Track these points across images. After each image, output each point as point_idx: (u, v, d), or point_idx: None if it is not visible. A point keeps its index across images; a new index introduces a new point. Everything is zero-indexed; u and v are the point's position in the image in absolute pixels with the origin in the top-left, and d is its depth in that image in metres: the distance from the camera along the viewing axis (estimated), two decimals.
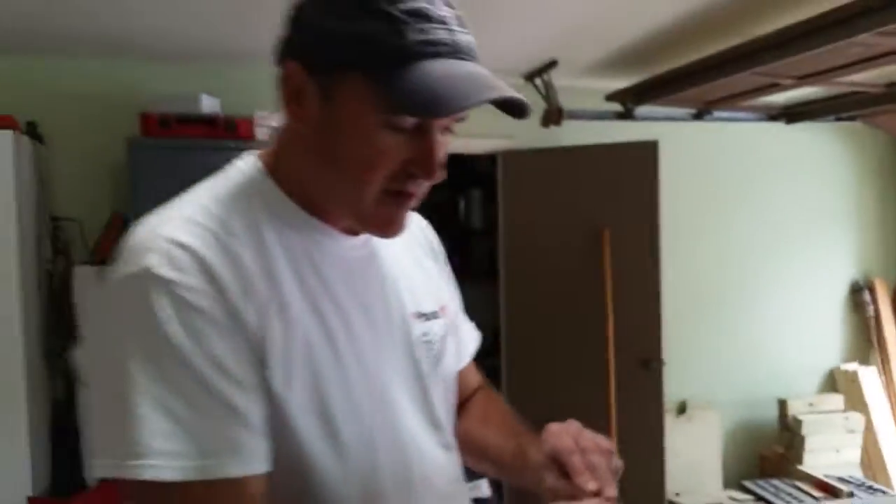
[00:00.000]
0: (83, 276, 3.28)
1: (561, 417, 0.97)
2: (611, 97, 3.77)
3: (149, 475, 0.73)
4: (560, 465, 0.90)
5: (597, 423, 0.93)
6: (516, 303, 3.96)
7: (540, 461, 0.94)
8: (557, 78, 3.65)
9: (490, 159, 4.11)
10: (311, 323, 0.85)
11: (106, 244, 3.36)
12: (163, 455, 0.73)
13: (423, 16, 0.78)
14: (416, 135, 0.82)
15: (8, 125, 2.96)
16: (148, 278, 0.77)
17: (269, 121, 3.37)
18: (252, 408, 0.78)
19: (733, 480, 4.37)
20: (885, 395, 4.72)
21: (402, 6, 0.78)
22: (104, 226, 3.42)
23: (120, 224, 3.38)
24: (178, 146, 3.18)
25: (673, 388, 4.04)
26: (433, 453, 0.95)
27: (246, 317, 0.79)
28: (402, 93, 0.77)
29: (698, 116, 3.96)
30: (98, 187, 3.50)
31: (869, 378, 4.69)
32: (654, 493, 3.81)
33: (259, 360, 0.80)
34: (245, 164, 0.93)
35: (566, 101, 3.64)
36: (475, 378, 1.18)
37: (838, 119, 4.25)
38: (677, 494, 4.19)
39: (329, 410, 0.84)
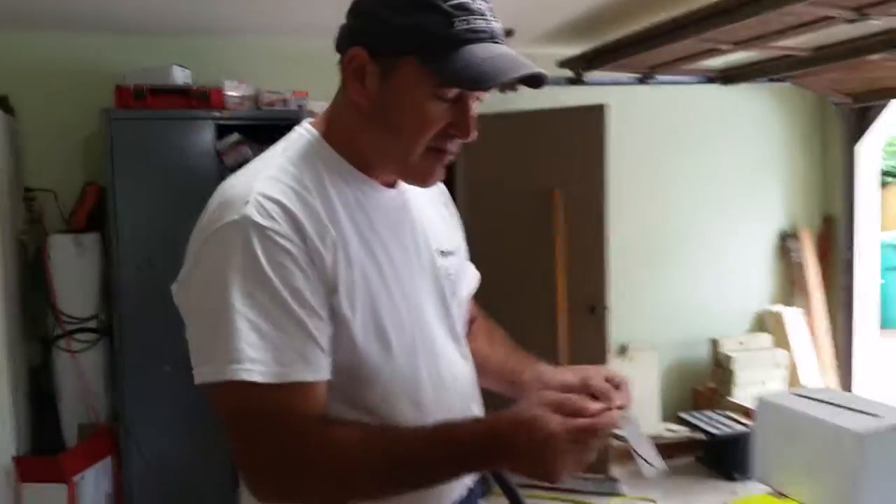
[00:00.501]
0: (58, 245, 3.39)
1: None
2: (563, 64, 3.98)
3: (241, 376, 0.93)
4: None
5: (548, 362, 1.17)
6: (475, 255, 4.17)
7: (552, 382, 1.21)
8: (514, 45, 3.81)
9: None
10: (365, 258, 1.06)
11: (80, 213, 3.45)
12: (252, 361, 0.94)
13: (466, 9, 0.99)
14: (456, 103, 1.04)
15: None
16: (248, 224, 0.97)
17: (238, 90, 3.49)
18: (320, 330, 0.99)
19: (670, 413, 4.72)
20: (808, 333, 5.15)
21: (451, 2, 0.98)
22: (78, 195, 3.50)
23: (95, 193, 3.46)
24: (152, 117, 3.28)
25: (616, 331, 4.36)
26: (456, 359, 1.19)
27: (322, 256, 1.00)
28: (454, 71, 0.98)
29: (643, 80, 4.20)
30: (71, 158, 3.57)
31: (793, 319, 5.09)
32: None
33: (330, 289, 1.01)
34: (304, 131, 1.13)
35: None
36: (475, 308, 1.43)
37: (771, 80, 4.52)
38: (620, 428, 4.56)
39: (382, 325, 1.06)
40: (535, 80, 1.05)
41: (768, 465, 1.17)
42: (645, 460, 1.17)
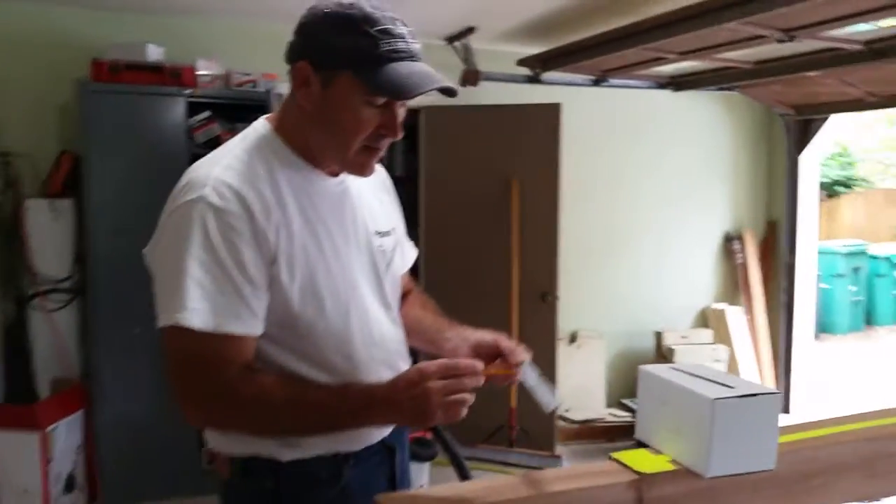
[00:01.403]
0: (34, 209, 3.54)
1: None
2: (521, 62, 4.20)
3: (183, 322, 1.15)
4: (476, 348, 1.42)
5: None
6: (434, 243, 4.38)
7: (470, 337, 1.45)
8: (475, 42, 4.05)
9: (412, 113, 4.49)
10: (307, 235, 1.27)
11: (56, 179, 3.59)
12: (193, 311, 1.15)
13: (389, 34, 1.21)
14: (385, 109, 1.25)
15: None
16: (204, 204, 1.18)
17: (209, 69, 3.65)
18: (255, 296, 1.21)
19: (614, 399, 5.00)
20: (748, 331, 5.44)
21: (377, 28, 1.20)
22: (53, 162, 3.64)
23: (70, 161, 3.61)
24: (126, 91, 3.44)
25: (565, 319, 4.60)
26: (385, 323, 1.40)
27: (265, 233, 1.21)
28: (381, 83, 1.20)
29: (597, 83, 4.44)
30: (47, 126, 3.69)
31: (735, 316, 5.37)
32: None
33: (270, 260, 1.22)
34: (260, 126, 1.34)
35: (482, 64, 4.06)
36: (411, 282, 1.65)
37: (720, 89, 4.80)
38: (567, 411, 4.79)
39: (318, 290, 1.27)
40: (448, 91, 1.28)
41: (646, 426, 1.38)
42: (543, 397, 1.39)
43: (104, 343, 3.50)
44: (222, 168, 1.23)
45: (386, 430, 1.40)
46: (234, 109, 3.73)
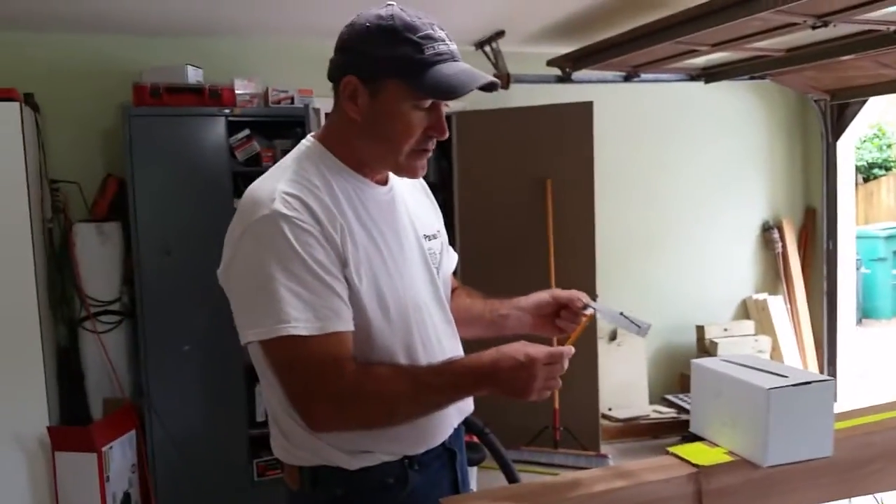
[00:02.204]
0: (83, 233, 3.64)
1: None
2: (551, 62, 4.22)
3: (290, 332, 1.19)
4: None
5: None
6: (471, 245, 4.41)
7: (528, 304, 1.53)
8: (504, 45, 4.08)
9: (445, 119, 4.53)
10: (367, 242, 1.31)
11: (102, 203, 3.70)
12: (297, 320, 1.19)
13: (431, 38, 1.26)
14: (431, 111, 1.31)
15: (12, 97, 3.24)
16: (278, 216, 1.23)
17: (247, 88, 3.73)
18: (343, 291, 1.26)
19: (657, 396, 4.97)
20: (790, 320, 5.40)
21: (419, 35, 1.25)
22: (99, 186, 3.75)
23: (115, 185, 3.71)
24: (168, 113, 3.53)
25: None
26: (441, 324, 1.45)
27: (334, 238, 1.26)
28: (429, 86, 1.25)
29: (628, 79, 4.44)
30: (92, 151, 3.81)
31: (776, 306, 5.34)
32: (590, 408, 4.41)
33: (342, 263, 1.27)
34: (308, 143, 1.39)
35: (512, 67, 4.08)
36: (455, 281, 1.69)
37: (751, 78, 4.76)
38: (609, 409, 4.79)
39: (382, 295, 1.31)
40: (491, 87, 1.32)
41: (701, 419, 1.40)
42: (632, 322, 1.44)
43: (154, 362, 3.57)
44: (285, 182, 1.28)
45: (447, 432, 1.44)
46: (272, 126, 3.81)
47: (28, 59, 3.70)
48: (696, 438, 1.37)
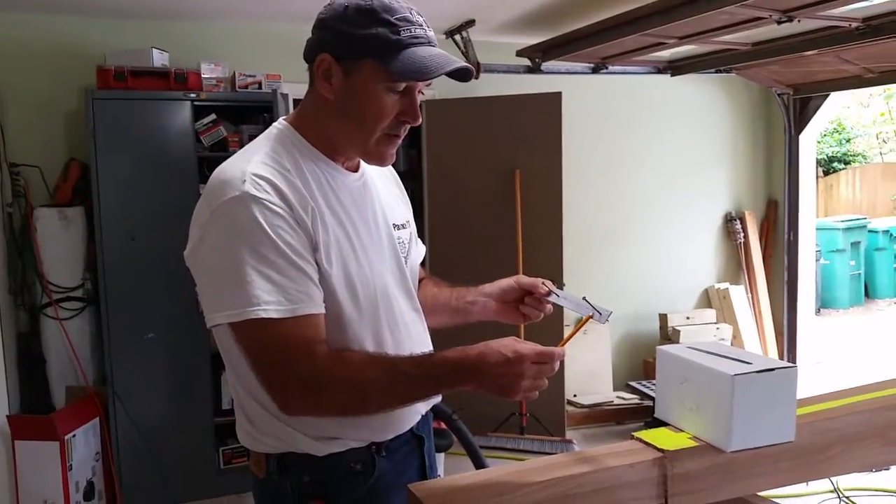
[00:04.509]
0: (44, 218, 3.57)
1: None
2: (521, 53, 4.23)
3: (260, 315, 1.17)
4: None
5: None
6: (439, 235, 4.44)
7: (492, 290, 1.52)
8: (474, 35, 4.08)
9: None
10: (336, 227, 1.30)
11: (65, 187, 3.62)
12: (267, 303, 1.17)
13: (408, 20, 1.25)
14: (405, 95, 1.29)
15: None
16: (248, 198, 1.20)
17: (214, 72, 3.68)
18: (314, 275, 1.24)
19: (621, 382, 5.02)
20: (751, 309, 5.51)
21: (396, 16, 1.25)
22: (62, 170, 3.67)
23: (78, 169, 3.64)
24: (133, 97, 3.47)
25: None
26: (409, 312, 1.44)
27: (305, 221, 1.24)
28: (403, 67, 1.24)
29: (596, 70, 4.48)
30: (54, 135, 3.72)
31: (738, 295, 5.44)
32: (555, 394, 4.45)
33: (313, 247, 1.25)
34: (281, 126, 1.37)
35: (482, 56, 4.09)
36: (422, 272, 1.68)
37: (717, 71, 4.82)
38: (574, 395, 4.85)
39: (351, 280, 1.31)
40: (465, 74, 1.32)
41: (666, 405, 1.41)
42: (594, 309, 1.43)
43: (117, 350, 3.54)
44: (255, 164, 1.26)
45: (415, 419, 1.45)
46: (239, 111, 3.77)
47: None
48: (660, 424, 1.38)
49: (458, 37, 4.07)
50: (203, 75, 3.61)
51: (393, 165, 1.51)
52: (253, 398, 1.31)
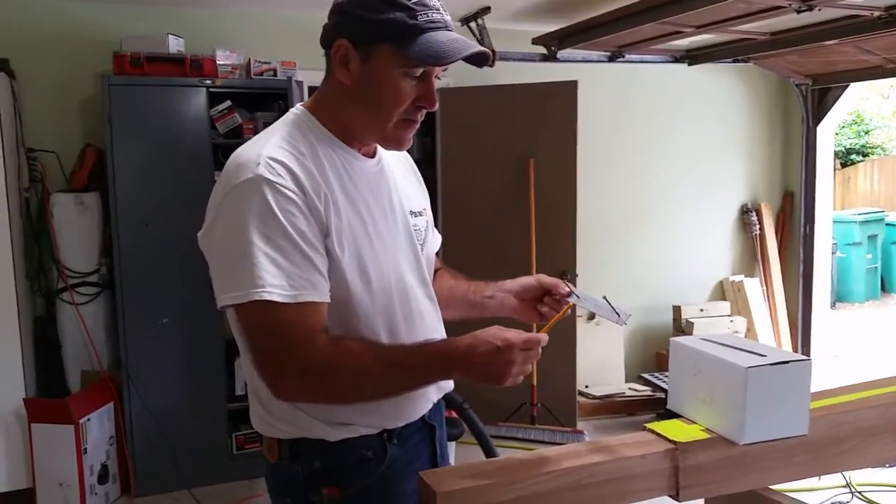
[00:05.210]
0: (61, 203, 3.60)
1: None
2: (536, 41, 4.20)
3: (263, 297, 1.17)
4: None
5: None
6: (453, 223, 4.41)
7: (513, 287, 1.52)
8: (490, 22, 4.05)
9: None
10: (350, 212, 1.30)
11: (81, 173, 3.64)
12: (272, 286, 1.17)
13: (425, 5, 1.25)
14: (422, 80, 1.29)
15: None
16: (261, 180, 1.21)
17: (229, 59, 3.68)
18: (321, 263, 1.24)
19: (633, 374, 5.03)
20: (765, 302, 5.48)
21: (413, 1, 1.24)
22: (78, 156, 3.69)
23: (94, 155, 3.66)
24: (148, 83, 3.48)
25: None
26: (424, 300, 1.44)
27: (317, 206, 1.24)
28: (420, 52, 1.24)
29: (612, 59, 4.44)
30: (70, 120, 3.74)
31: (752, 288, 5.41)
32: (567, 386, 4.45)
33: (324, 233, 1.25)
34: (298, 111, 1.38)
35: (497, 44, 4.06)
36: (439, 261, 1.68)
37: (735, 61, 4.77)
38: (586, 386, 4.84)
39: (364, 266, 1.31)
40: (482, 59, 1.31)
41: (678, 396, 1.41)
42: (613, 310, 1.42)
43: (132, 334, 3.56)
44: (271, 147, 1.26)
45: (427, 407, 1.45)
46: (253, 98, 3.77)
47: (5, 25, 3.62)
48: (672, 415, 1.38)
49: (473, 24, 4.05)
50: (218, 62, 3.61)
51: (407, 152, 1.51)
52: None
